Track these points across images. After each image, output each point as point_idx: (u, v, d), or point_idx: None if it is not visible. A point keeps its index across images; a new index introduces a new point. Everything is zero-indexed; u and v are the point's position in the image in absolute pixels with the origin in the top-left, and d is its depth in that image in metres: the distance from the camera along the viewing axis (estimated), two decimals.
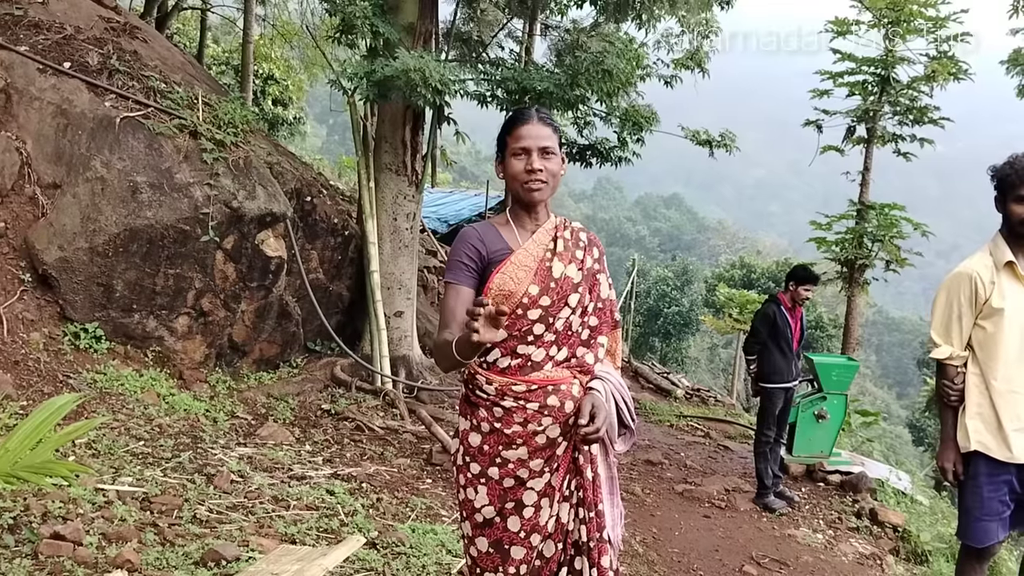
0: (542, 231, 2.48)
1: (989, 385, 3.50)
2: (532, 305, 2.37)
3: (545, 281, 2.40)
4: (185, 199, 6.77)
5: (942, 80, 12.09)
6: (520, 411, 2.38)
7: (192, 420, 6.04)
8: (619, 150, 9.69)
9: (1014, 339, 3.46)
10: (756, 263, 36.75)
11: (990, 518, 3.52)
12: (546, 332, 2.40)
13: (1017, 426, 3.46)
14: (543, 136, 2.43)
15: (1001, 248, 3.50)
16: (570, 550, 2.51)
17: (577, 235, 2.55)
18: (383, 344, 8.30)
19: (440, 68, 7.00)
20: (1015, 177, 3.40)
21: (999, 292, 3.46)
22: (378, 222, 8.56)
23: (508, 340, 2.38)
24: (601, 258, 2.60)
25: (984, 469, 3.51)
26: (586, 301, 2.48)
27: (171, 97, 7.25)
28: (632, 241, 74.13)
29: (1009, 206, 3.45)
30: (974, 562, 3.68)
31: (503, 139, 2.50)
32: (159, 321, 6.78)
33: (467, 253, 2.42)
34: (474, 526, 2.45)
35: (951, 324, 3.58)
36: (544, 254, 2.44)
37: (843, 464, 8.15)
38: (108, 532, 3.83)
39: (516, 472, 2.40)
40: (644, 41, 9.98)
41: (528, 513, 2.42)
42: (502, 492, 2.41)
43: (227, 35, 22.80)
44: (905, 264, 12.44)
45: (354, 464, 6.02)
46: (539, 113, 2.49)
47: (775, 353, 6.97)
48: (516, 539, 2.42)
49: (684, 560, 5.49)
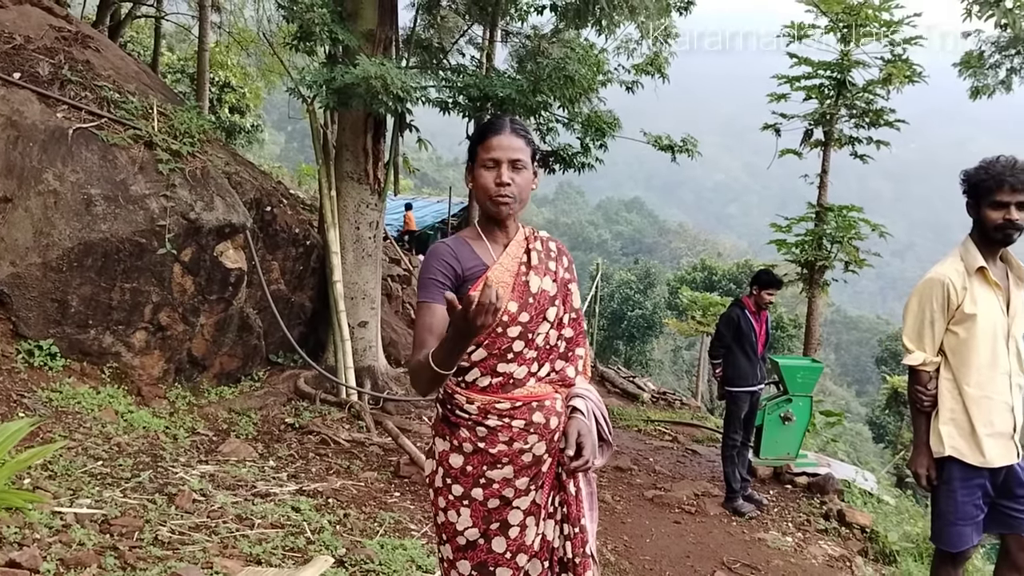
0: (514, 244, 2.41)
1: (962, 390, 3.50)
2: (512, 323, 2.30)
3: (523, 297, 2.33)
4: (141, 211, 6.61)
5: (897, 83, 12.24)
6: (505, 429, 2.32)
7: (152, 438, 5.88)
8: (582, 156, 9.68)
9: (986, 344, 3.46)
10: (717, 265, 37.17)
11: (965, 523, 3.53)
12: (526, 349, 2.33)
13: (990, 431, 3.47)
14: (515, 148, 2.35)
15: (972, 253, 3.49)
16: (556, 567, 2.46)
17: (547, 245, 2.49)
18: (347, 355, 8.18)
19: (401, 75, 6.93)
20: (992, 182, 3.35)
21: (971, 298, 3.45)
22: (340, 231, 8.45)
23: (487, 359, 2.31)
24: (571, 267, 2.54)
25: (958, 474, 3.52)
26: (562, 313, 2.43)
27: (125, 107, 7.09)
28: (595, 245, 74.52)
29: (983, 211, 3.41)
30: (949, 567, 3.69)
31: (474, 148, 2.41)
32: (116, 336, 6.61)
33: (441, 271, 2.33)
34: (455, 549, 2.38)
35: (923, 330, 3.57)
36: (519, 268, 2.37)
37: (810, 465, 8.21)
38: (66, 557, 3.69)
39: (501, 492, 2.34)
40: (604, 47, 10.01)
41: (514, 533, 2.36)
42: (486, 513, 2.35)
43: (182, 43, 22.51)
44: (864, 265, 12.58)
45: (320, 479, 5.90)
46: (513, 124, 2.40)
47: (740, 357, 7.00)
48: (502, 560, 2.36)
49: (656, 568, 5.47)
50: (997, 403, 3.48)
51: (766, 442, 7.79)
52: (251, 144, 23.30)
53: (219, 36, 19.59)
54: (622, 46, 12.43)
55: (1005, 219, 3.34)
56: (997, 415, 3.47)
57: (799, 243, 12.85)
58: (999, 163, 3.36)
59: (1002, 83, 14.90)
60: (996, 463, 3.48)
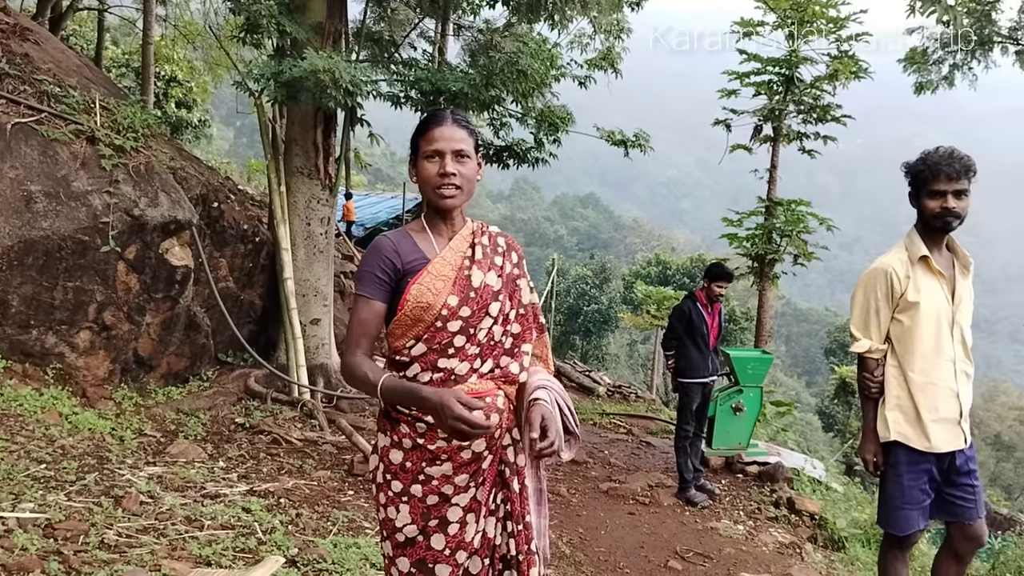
0: (459, 238, 2.39)
1: (907, 377, 3.59)
2: (452, 317, 2.28)
3: (464, 291, 2.30)
4: (83, 208, 6.45)
5: (843, 79, 12.46)
6: None
7: (97, 440, 5.75)
8: (535, 151, 9.68)
9: (930, 332, 3.55)
10: (671, 260, 37.55)
11: (911, 507, 3.60)
12: (468, 344, 2.31)
13: (935, 417, 3.55)
14: (457, 139, 2.33)
15: (916, 243, 3.59)
16: (498, 564, 2.44)
17: (495, 240, 2.47)
18: (299, 353, 8.08)
19: (351, 69, 6.86)
20: (928, 173, 3.47)
21: (914, 286, 3.54)
22: (291, 227, 8.34)
23: (428, 354, 2.29)
24: (520, 262, 2.52)
25: (904, 459, 3.60)
26: (507, 309, 2.40)
27: (66, 101, 6.91)
28: (551, 241, 74.74)
29: (923, 201, 3.53)
30: (896, 551, 3.77)
31: (416, 141, 2.39)
32: (59, 337, 6.44)
33: (380, 265, 2.31)
34: (395, 546, 2.36)
35: (869, 318, 3.66)
36: (462, 262, 2.35)
37: (760, 455, 8.34)
38: (8, 563, 3.59)
39: (440, 489, 2.31)
40: (557, 42, 10.02)
41: (453, 530, 2.33)
42: (425, 510, 2.32)
43: (127, 36, 22.03)
44: (812, 258, 12.80)
45: (271, 479, 5.82)
46: (454, 115, 2.39)
47: (691, 349, 7.09)
48: (440, 557, 2.33)
49: (611, 559, 5.50)
50: (942, 389, 3.56)
51: (718, 432, 7.89)
52: (199, 139, 22.90)
53: (165, 29, 19.19)
54: (575, 41, 12.49)
55: (943, 207, 3.46)
56: (942, 401, 3.56)
57: (749, 237, 13.03)
58: (936, 154, 3.49)
59: (945, 79, 15.26)
60: (942, 448, 3.56)
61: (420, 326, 2.27)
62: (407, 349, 2.30)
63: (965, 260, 3.64)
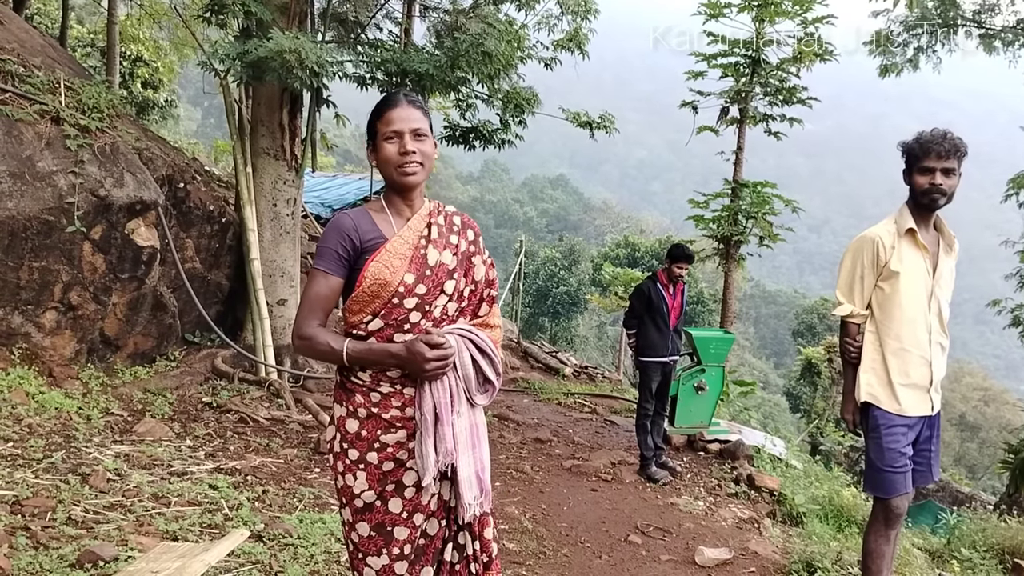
0: (417, 217, 2.48)
1: (883, 343, 3.83)
2: (408, 294, 2.37)
3: (420, 269, 2.39)
4: (48, 188, 6.43)
5: (808, 61, 12.58)
6: (398, 395, 2.39)
7: (64, 419, 5.77)
8: (502, 132, 9.73)
9: (909, 301, 3.79)
10: (640, 242, 37.66)
11: (893, 469, 3.80)
12: (423, 320, 2.40)
13: (905, 381, 3.79)
14: (414, 118, 2.43)
15: (905, 216, 3.82)
16: (453, 526, 2.55)
17: (451, 219, 2.56)
18: (266, 333, 8.12)
19: (316, 50, 6.87)
20: (919, 150, 3.71)
21: (898, 256, 3.78)
22: (257, 208, 8.35)
23: (384, 329, 2.38)
24: (477, 240, 2.60)
25: (881, 421, 3.83)
26: (461, 286, 2.49)
27: (30, 82, 6.86)
28: (520, 223, 74.64)
29: (913, 177, 3.77)
30: (881, 527, 3.93)
31: (373, 125, 2.48)
32: (25, 317, 6.44)
33: (340, 241, 2.39)
34: (354, 512, 2.45)
35: (854, 284, 3.91)
36: (419, 241, 2.44)
37: (722, 433, 8.51)
38: None
39: (396, 455, 2.41)
40: (524, 23, 10.03)
41: (410, 494, 2.43)
42: (381, 476, 2.42)
43: (92, 15, 21.66)
44: (777, 239, 12.97)
45: (238, 457, 5.89)
46: (407, 96, 2.49)
47: (651, 328, 7.21)
48: (399, 520, 2.43)
49: (572, 534, 5.63)
50: (915, 356, 3.79)
51: (680, 411, 8.04)
52: (166, 120, 22.63)
53: (130, 9, 18.93)
54: (542, 22, 12.48)
55: (931, 183, 3.70)
56: (914, 367, 3.79)
57: (716, 219, 13.17)
58: (930, 133, 3.74)
59: (909, 62, 15.48)
60: (910, 412, 3.80)
61: (377, 302, 2.36)
62: (364, 324, 2.39)
63: (950, 239, 3.88)
